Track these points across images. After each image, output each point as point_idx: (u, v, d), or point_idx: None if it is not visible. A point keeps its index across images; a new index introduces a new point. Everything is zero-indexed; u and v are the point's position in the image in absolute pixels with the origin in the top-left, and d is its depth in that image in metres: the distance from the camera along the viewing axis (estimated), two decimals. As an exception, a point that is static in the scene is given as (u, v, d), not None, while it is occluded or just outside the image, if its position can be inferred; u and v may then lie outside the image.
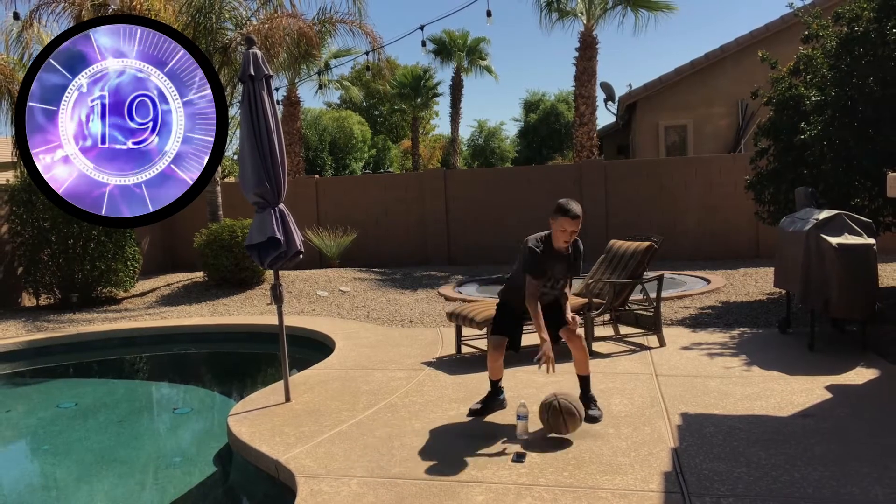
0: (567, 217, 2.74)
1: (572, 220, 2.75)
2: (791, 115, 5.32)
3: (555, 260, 2.87)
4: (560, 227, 2.77)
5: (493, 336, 3.02)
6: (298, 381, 3.78)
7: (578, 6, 11.47)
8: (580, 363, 2.91)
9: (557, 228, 2.79)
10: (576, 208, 2.76)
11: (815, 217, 3.93)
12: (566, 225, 2.75)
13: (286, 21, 7.83)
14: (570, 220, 2.75)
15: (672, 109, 10.99)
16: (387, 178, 11.45)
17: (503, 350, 2.99)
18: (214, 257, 7.51)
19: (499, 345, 2.98)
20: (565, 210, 2.75)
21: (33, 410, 4.39)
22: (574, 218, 2.75)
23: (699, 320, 5.09)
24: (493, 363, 3.02)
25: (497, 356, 2.99)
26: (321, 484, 2.38)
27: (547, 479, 2.35)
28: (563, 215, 2.75)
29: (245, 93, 3.31)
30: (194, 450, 3.50)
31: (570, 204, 2.76)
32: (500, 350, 2.98)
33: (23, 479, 3.28)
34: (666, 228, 8.46)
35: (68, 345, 5.53)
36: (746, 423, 2.80)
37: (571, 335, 2.85)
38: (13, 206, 7.15)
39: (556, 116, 25.56)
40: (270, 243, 3.33)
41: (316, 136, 22.61)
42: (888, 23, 4.41)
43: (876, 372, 3.49)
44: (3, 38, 8.13)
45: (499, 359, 2.99)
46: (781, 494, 2.16)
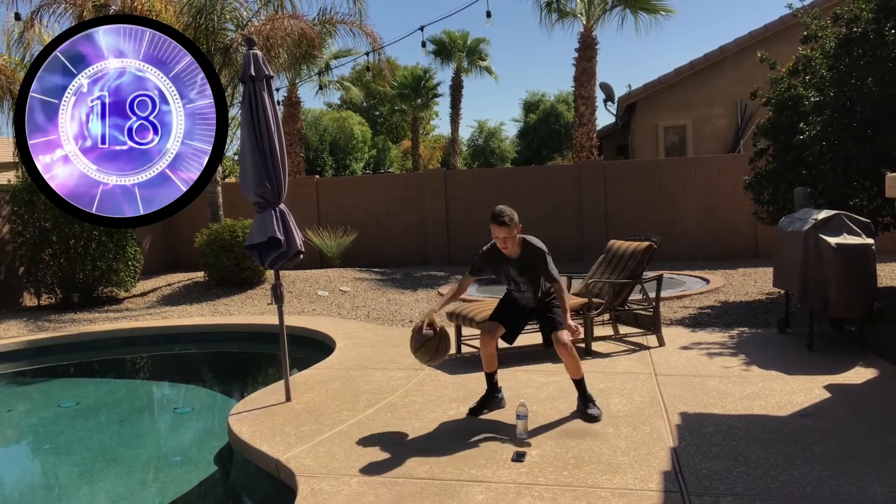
0: (494, 223, 2.84)
1: (499, 226, 2.82)
2: (790, 116, 5.33)
3: (504, 263, 2.94)
4: (493, 233, 2.87)
5: (489, 322, 3.06)
6: (299, 380, 3.78)
7: (578, 7, 11.49)
8: (570, 369, 2.93)
9: (492, 235, 2.88)
10: (503, 215, 2.82)
11: (813, 217, 3.93)
12: (495, 231, 2.85)
13: (288, 22, 7.85)
14: (498, 226, 2.83)
15: (671, 110, 11.00)
16: (387, 178, 11.46)
17: (495, 336, 2.99)
18: (215, 257, 7.52)
19: (491, 329, 2.99)
20: (493, 216, 2.85)
21: (35, 410, 4.40)
22: (500, 224, 2.82)
23: (698, 320, 5.10)
24: (486, 350, 3.01)
25: (488, 341, 2.99)
26: (322, 483, 2.39)
27: (546, 479, 2.35)
28: (492, 222, 2.85)
29: (246, 93, 3.32)
30: (195, 449, 3.51)
31: (500, 210, 2.84)
32: (493, 335, 2.98)
33: (24, 478, 3.29)
34: (665, 228, 8.47)
35: (69, 344, 5.54)
36: (745, 422, 2.81)
37: (557, 343, 2.86)
38: (14, 206, 7.16)
39: (556, 117, 25.58)
40: (271, 243, 3.34)
41: (316, 136, 22.62)
42: (887, 23, 4.42)
43: (874, 371, 3.50)
44: (5, 39, 8.15)
45: (490, 344, 2.99)
46: (780, 494, 2.17)
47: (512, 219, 2.83)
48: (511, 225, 2.82)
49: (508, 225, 2.81)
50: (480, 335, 3.05)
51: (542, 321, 2.98)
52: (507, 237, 2.84)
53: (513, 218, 2.84)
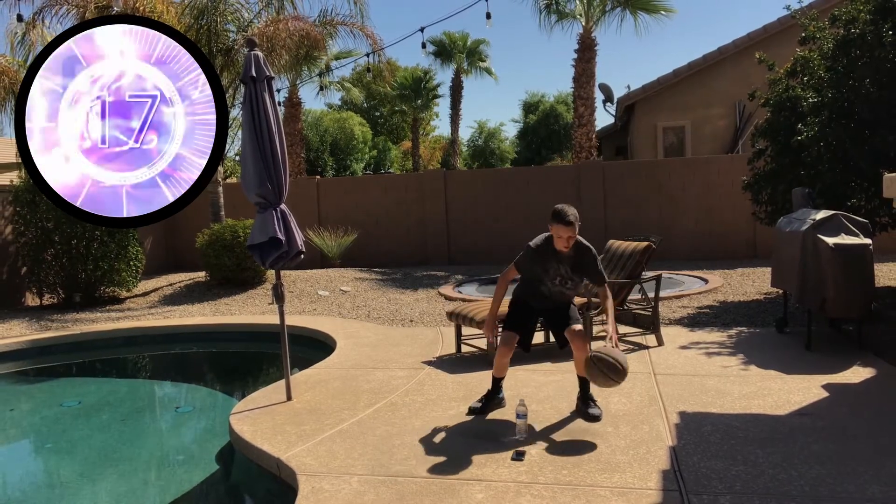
0: (561, 224, 2.83)
1: (566, 226, 2.82)
2: (788, 117, 5.35)
3: (557, 260, 2.94)
4: (556, 233, 2.86)
5: (505, 332, 3.02)
6: (300, 380, 3.80)
7: (577, 8, 11.51)
8: (580, 364, 2.92)
9: (555, 234, 2.88)
10: (569, 215, 2.82)
11: (811, 217, 3.94)
12: (561, 231, 2.84)
13: (292, 24, 7.88)
14: (564, 226, 2.82)
15: (670, 111, 11.02)
16: (387, 178, 11.48)
17: (513, 347, 2.98)
18: (216, 257, 7.54)
19: (509, 341, 2.98)
20: (559, 216, 2.83)
21: (37, 409, 4.41)
22: (567, 224, 2.82)
23: (697, 320, 5.11)
24: (501, 360, 3.02)
25: (506, 352, 2.98)
26: (322, 482, 2.40)
27: (546, 477, 2.36)
28: (557, 222, 2.84)
29: (247, 94, 3.32)
30: (196, 448, 3.52)
31: (565, 210, 2.84)
32: (510, 346, 2.98)
33: (27, 476, 3.30)
34: (664, 229, 8.48)
35: (72, 344, 5.55)
36: (744, 421, 2.81)
37: (574, 337, 2.87)
38: (17, 207, 7.18)
39: (556, 117, 25.60)
40: (272, 243, 3.35)
41: (317, 137, 22.64)
42: (885, 25, 4.44)
43: (872, 371, 3.50)
44: (8, 40, 8.17)
45: (507, 355, 2.99)
46: (778, 492, 2.17)
47: (577, 218, 2.85)
48: (576, 224, 2.83)
49: (574, 224, 2.82)
50: (498, 347, 3.03)
51: (556, 318, 2.98)
52: (571, 237, 2.84)
53: (578, 217, 2.85)
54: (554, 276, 2.97)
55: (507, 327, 3.03)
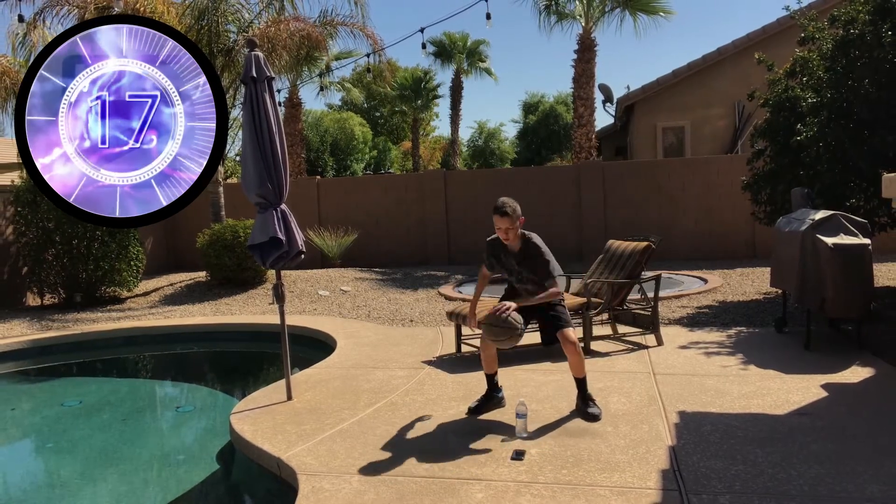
0: (496, 214, 2.87)
1: (501, 216, 2.85)
2: (787, 117, 5.36)
3: (506, 255, 2.99)
4: (495, 224, 2.90)
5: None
6: (300, 379, 3.80)
7: (577, 9, 11.53)
8: (574, 367, 2.95)
9: (495, 226, 2.91)
10: (506, 206, 2.84)
11: (811, 217, 3.95)
12: (497, 222, 2.88)
13: (293, 24, 7.89)
14: (499, 216, 2.86)
15: (670, 111, 11.03)
16: (387, 178, 11.49)
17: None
18: (217, 257, 7.55)
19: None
20: (496, 208, 2.87)
21: (38, 408, 4.42)
22: (503, 215, 2.84)
23: (696, 320, 5.11)
24: (485, 352, 3.04)
25: (488, 346, 3.01)
26: (323, 481, 2.40)
27: (546, 477, 2.36)
28: (494, 213, 2.88)
29: (247, 94, 3.33)
30: (197, 448, 3.53)
31: (502, 202, 2.87)
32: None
33: (28, 476, 3.31)
34: (663, 229, 8.49)
35: (73, 344, 5.57)
36: (743, 421, 2.82)
37: (565, 341, 2.89)
38: (18, 207, 7.19)
39: (555, 118, 25.62)
40: (272, 243, 3.35)
41: (317, 137, 22.65)
42: (884, 25, 4.45)
43: (871, 371, 3.51)
44: (10, 41, 8.20)
45: (490, 347, 3.01)
46: (778, 492, 2.18)
47: (514, 210, 2.85)
48: (513, 216, 2.84)
49: (510, 216, 2.83)
50: (481, 338, 3.07)
51: (546, 320, 3.00)
52: (508, 228, 2.86)
53: (515, 209, 2.86)
54: (510, 272, 3.02)
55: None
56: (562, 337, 2.90)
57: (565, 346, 2.89)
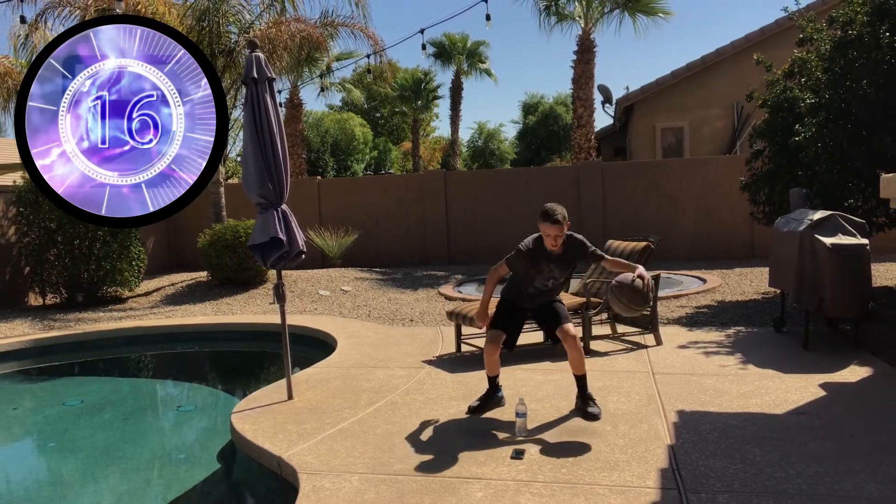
0: (548, 222, 2.86)
1: (553, 224, 2.85)
2: (786, 118, 5.37)
3: (547, 260, 2.97)
4: (545, 231, 2.89)
5: (491, 330, 3.07)
6: (301, 379, 3.81)
7: (576, 10, 11.56)
8: (575, 363, 2.95)
9: (543, 233, 2.91)
10: (557, 214, 2.85)
11: (809, 218, 3.97)
12: (549, 230, 2.87)
13: (294, 25, 7.92)
14: (552, 224, 2.85)
15: (668, 111, 11.05)
16: (388, 179, 11.51)
17: (499, 345, 3.02)
18: (218, 257, 7.57)
19: (495, 339, 3.02)
20: (547, 215, 2.86)
21: (40, 408, 4.44)
22: (555, 223, 2.84)
23: (695, 319, 5.13)
24: (489, 357, 3.05)
25: (492, 350, 3.02)
26: (323, 480, 2.41)
27: (545, 476, 2.37)
28: (545, 221, 2.87)
29: (248, 95, 3.33)
30: (198, 447, 3.54)
31: (553, 209, 2.86)
32: (496, 344, 3.01)
33: (30, 475, 3.32)
34: (662, 229, 8.50)
35: (74, 343, 5.58)
36: (742, 420, 2.83)
37: (566, 335, 2.90)
38: (20, 208, 7.21)
39: (555, 118, 25.65)
40: (273, 243, 3.36)
41: (318, 137, 22.67)
42: (881, 26, 4.47)
43: (869, 370, 3.52)
44: (12, 42, 8.23)
45: (494, 353, 3.03)
46: (776, 491, 2.18)
47: (565, 217, 2.87)
48: (564, 223, 2.86)
49: (562, 223, 2.84)
50: (485, 345, 3.07)
51: (546, 317, 3.00)
52: (559, 235, 2.87)
53: (565, 216, 2.88)
54: (547, 277, 3.00)
55: (493, 326, 3.07)
56: (562, 332, 2.91)
57: (566, 341, 2.90)
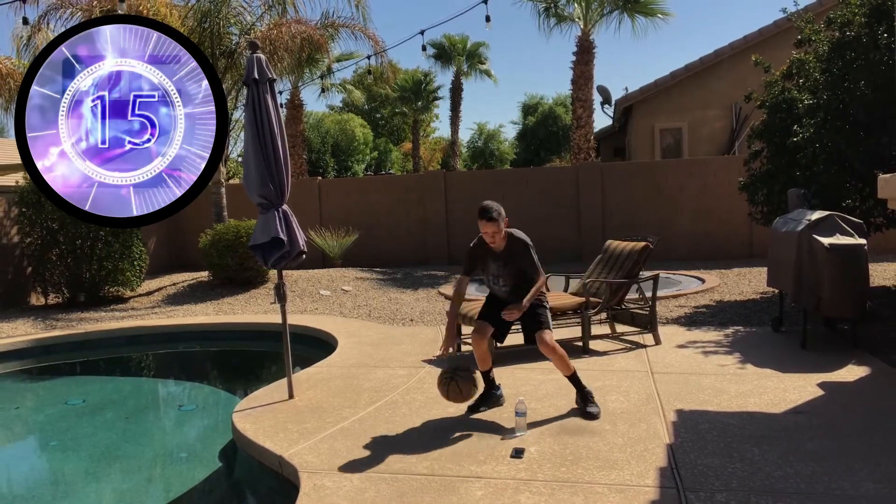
0: (483, 220, 2.85)
1: (488, 221, 2.84)
2: (784, 118, 5.39)
3: (490, 258, 2.97)
4: (481, 229, 2.89)
5: (478, 321, 3.08)
6: (301, 378, 3.83)
7: (576, 11, 11.60)
8: (558, 367, 2.97)
9: (481, 230, 2.90)
10: (492, 211, 2.84)
11: (807, 218, 3.98)
12: (484, 227, 2.87)
13: (294, 27, 7.94)
14: (486, 222, 2.84)
15: (667, 112, 11.08)
16: (388, 179, 11.54)
17: (485, 336, 3.02)
18: (219, 257, 7.59)
19: (480, 329, 3.02)
20: (482, 212, 2.85)
21: (42, 407, 4.46)
22: (490, 220, 2.83)
23: (694, 319, 5.14)
24: (477, 350, 3.04)
25: (478, 341, 3.02)
26: (324, 479, 2.42)
27: (545, 474, 2.38)
28: (480, 218, 2.86)
29: (249, 96, 3.34)
30: (200, 446, 3.56)
31: (488, 206, 2.86)
32: (482, 335, 3.01)
33: (32, 473, 3.34)
34: (661, 229, 8.52)
35: (76, 343, 5.60)
36: (740, 419, 2.84)
37: (540, 343, 2.90)
38: (22, 208, 7.24)
39: (554, 119, 25.69)
40: (274, 243, 3.37)
41: (318, 138, 22.70)
42: (879, 27, 4.50)
43: (867, 369, 3.53)
44: (14, 44, 8.25)
45: (481, 344, 3.02)
46: (774, 490, 2.18)
47: (500, 213, 2.85)
48: (499, 219, 2.84)
49: (496, 220, 2.84)
50: (471, 335, 3.08)
51: (526, 321, 3.01)
52: (495, 232, 2.87)
53: (500, 212, 2.86)
54: (496, 275, 3.00)
55: (479, 317, 3.07)
56: (538, 339, 2.91)
57: (542, 349, 2.91)
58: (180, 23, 7.63)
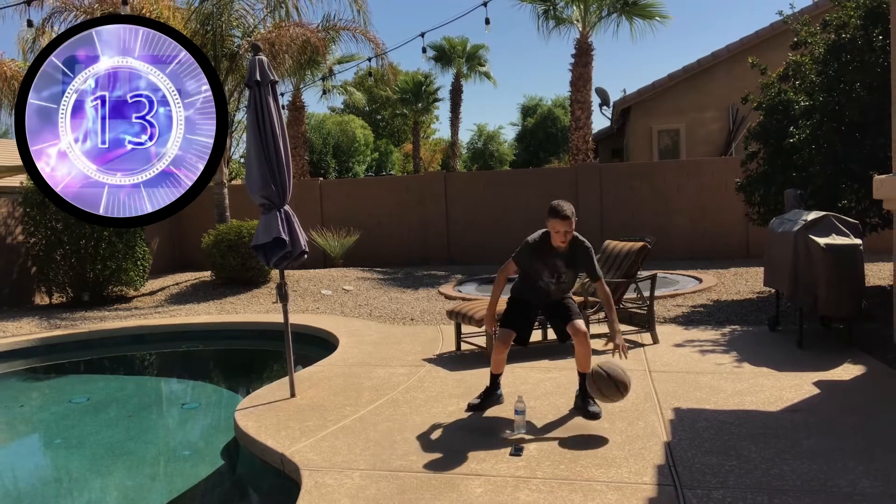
0: (557, 218, 2.88)
1: (562, 220, 2.88)
2: (780, 120, 5.41)
3: (552, 256, 3.00)
4: (553, 227, 2.92)
5: (502, 329, 3.07)
6: (303, 377, 3.85)
7: (574, 14, 11.64)
8: (582, 359, 2.97)
9: (551, 229, 2.93)
10: (565, 209, 2.88)
11: (803, 218, 4.00)
12: (557, 226, 2.90)
13: (294, 30, 7.99)
14: (560, 220, 2.88)
15: (665, 114, 11.12)
16: (389, 180, 11.59)
17: (509, 344, 3.04)
18: (222, 257, 7.62)
19: (505, 338, 3.03)
20: (555, 211, 2.89)
21: (47, 405, 4.48)
22: (564, 218, 2.87)
23: (691, 318, 5.16)
24: (497, 356, 3.07)
25: (501, 349, 3.04)
26: (325, 477, 2.43)
27: (544, 472, 2.39)
28: (553, 216, 2.89)
29: (251, 98, 3.36)
30: (202, 443, 3.59)
31: (561, 205, 2.89)
32: (506, 343, 3.03)
33: (37, 471, 3.37)
34: (659, 229, 8.54)
35: (80, 342, 5.62)
36: (737, 417, 2.85)
37: (577, 331, 2.91)
38: (27, 208, 7.25)
39: (553, 121, 25.75)
40: (276, 243, 3.38)
41: (320, 139, 22.74)
42: (874, 30, 4.53)
43: (862, 368, 3.55)
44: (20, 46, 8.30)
45: (503, 352, 3.05)
46: (770, 487, 2.19)
47: (574, 213, 2.90)
48: (572, 219, 2.89)
49: (570, 219, 2.87)
50: (495, 344, 3.09)
51: (557, 314, 3.02)
52: (567, 231, 2.90)
53: (574, 213, 2.90)
54: (552, 273, 3.02)
55: (504, 324, 3.08)
56: (572, 328, 2.93)
57: (576, 337, 2.91)
58: (183, 25, 7.67)
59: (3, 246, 7.53)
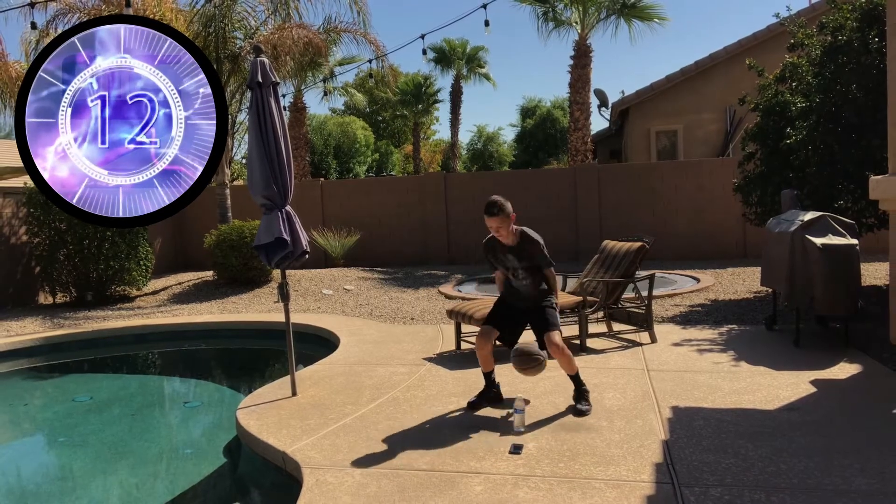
0: (486, 215, 2.92)
1: (490, 217, 2.90)
2: (777, 121, 5.44)
3: (504, 252, 3.05)
4: (486, 223, 2.96)
5: (483, 325, 3.13)
6: (304, 375, 3.86)
7: (573, 16, 11.69)
8: (564, 367, 3.03)
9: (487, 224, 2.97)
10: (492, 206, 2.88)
11: (800, 218, 4.02)
12: (488, 222, 2.94)
13: (296, 32, 8.02)
14: (488, 217, 2.91)
15: (663, 115, 11.15)
16: (389, 181, 11.61)
17: (490, 340, 3.06)
18: (224, 257, 7.64)
19: (485, 334, 3.06)
20: (485, 209, 2.92)
21: (50, 404, 4.49)
22: (491, 215, 2.89)
23: (689, 318, 5.18)
24: (480, 351, 3.09)
25: (482, 344, 3.06)
26: (326, 475, 2.45)
27: (543, 470, 2.41)
28: (484, 213, 2.93)
29: (253, 99, 3.38)
30: (204, 442, 3.60)
31: (490, 202, 2.90)
32: (487, 340, 3.06)
33: (40, 469, 3.38)
34: (657, 229, 8.57)
35: (83, 341, 5.64)
36: (734, 416, 2.86)
37: (549, 344, 2.96)
38: (30, 209, 7.27)
39: (552, 122, 25.78)
40: (278, 244, 3.41)
41: (321, 140, 22.78)
42: (871, 32, 4.57)
43: (858, 367, 3.57)
44: (23, 48, 8.33)
45: (484, 347, 3.06)
46: (768, 485, 2.20)
47: (502, 208, 2.89)
48: (501, 214, 2.89)
49: (498, 215, 2.89)
50: (476, 338, 3.12)
51: (536, 322, 3.07)
52: (499, 226, 2.92)
53: (503, 207, 2.89)
54: (508, 268, 3.07)
55: (486, 321, 3.13)
56: (547, 340, 2.97)
57: (550, 349, 2.96)
58: (186, 27, 7.70)
59: (8, 246, 7.55)
